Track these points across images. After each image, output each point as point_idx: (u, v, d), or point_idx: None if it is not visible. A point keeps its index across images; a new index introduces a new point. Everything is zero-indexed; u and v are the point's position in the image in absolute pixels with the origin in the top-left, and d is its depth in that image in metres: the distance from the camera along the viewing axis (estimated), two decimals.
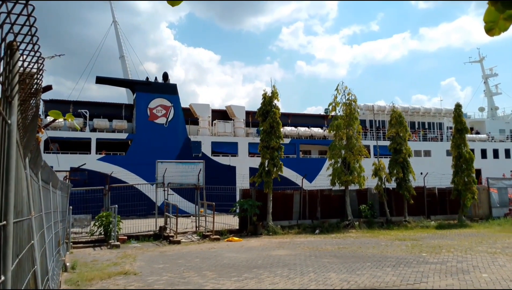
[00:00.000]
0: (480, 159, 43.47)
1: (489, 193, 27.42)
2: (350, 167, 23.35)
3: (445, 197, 26.80)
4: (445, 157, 37.60)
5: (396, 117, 26.23)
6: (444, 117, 46.63)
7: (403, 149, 25.46)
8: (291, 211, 23.37)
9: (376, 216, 24.37)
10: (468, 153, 25.47)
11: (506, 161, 46.17)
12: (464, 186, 24.72)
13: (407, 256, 13.12)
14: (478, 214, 26.67)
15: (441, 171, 29.59)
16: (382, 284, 9.17)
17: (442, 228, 22.45)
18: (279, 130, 22.41)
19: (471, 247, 14.82)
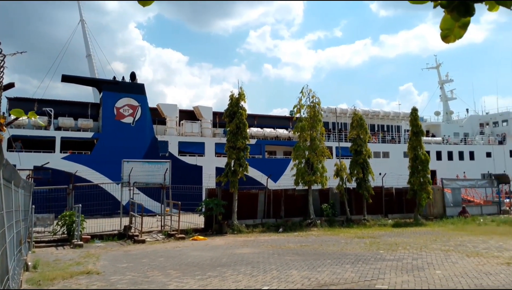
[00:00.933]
0: (435, 161, 45.03)
1: (443, 193, 28.43)
2: (313, 168, 23.63)
3: (402, 197, 27.59)
4: (403, 158, 38.70)
5: (357, 119, 26.78)
6: (402, 121, 48.00)
7: (363, 151, 26.03)
8: (256, 210, 23.41)
9: (337, 214, 24.77)
10: (424, 155, 26.32)
11: (459, 163, 48.07)
12: (419, 186, 25.54)
13: (366, 253, 13.40)
14: (432, 213, 27.60)
15: (398, 172, 30.40)
16: (341, 280, 9.31)
17: (399, 226, 23.10)
18: (246, 131, 22.41)
19: (426, 244, 15.30)
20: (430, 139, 48.00)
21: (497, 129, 55.10)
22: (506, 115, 55.00)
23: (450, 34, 2.93)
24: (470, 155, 49.33)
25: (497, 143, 52.39)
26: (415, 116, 27.35)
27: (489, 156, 50.23)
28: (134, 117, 34.50)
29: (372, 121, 46.31)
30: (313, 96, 24.80)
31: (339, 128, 43.96)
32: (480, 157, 49.58)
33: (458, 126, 55.40)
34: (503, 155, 51.06)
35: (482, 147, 50.63)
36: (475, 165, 47.76)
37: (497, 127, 55.39)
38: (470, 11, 2.61)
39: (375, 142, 44.13)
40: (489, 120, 56.45)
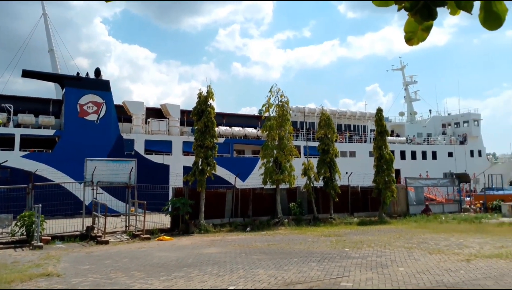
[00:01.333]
0: (400, 160, 46.28)
1: (407, 191, 29.29)
2: (282, 167, 23.76)
3: (367, 195, 28.23)
4: (368, 157, 39.56)
5: (325, 119, 27.15)
6: (368, 121, 49.07)
7: (331, 150, 26.43)
8: (224, 209, 23.33)
9: (304, 213, 25.04)
10: (389, 154, 27.02)
11: (423, 162, 49.64)
12: (384, 185, 26.19)
13: (332, 251, 13.61)
14: (396, 211, 28.37)
15: (364, 171, 31.08)
16: (307, 278, 9.41)
17: (364, 224, 23.60)
18: (214, 129, 22.29)
19: (390, 242, 15.70)
20: (394, 139, 49.32)
21: (459, 130, 57.29)
22: (467, 116, 57.30)
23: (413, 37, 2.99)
24: (433, 155, 51.06)
25: (458, 143, 54.47)
26: (380, 116, 28.02)
27: (450, 156, 52.16)
28: (98, 114, 33.61)
29: (339, 121, 47.09)
30: (282, 96, 24.96)
31: (307, 127, 44.44)
32: (442, 157, 51.41)
33: (421, 127, 57.26)
34: (464, 155, 53.14)
35: (444, 147, 52.51)
36: (438, 165, 49.48)
37: (459, 127, 57.60)
38: (433, 14, 2.67)
39: (342, 142, 44.91)
40: (451, 121, 58.62)
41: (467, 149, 54.15)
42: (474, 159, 54.28)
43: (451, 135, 56.37)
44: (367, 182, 28.53)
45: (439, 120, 58.79)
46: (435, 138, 54.45)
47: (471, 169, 47.97)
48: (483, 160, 55.17)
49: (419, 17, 2.69)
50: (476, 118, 57.30)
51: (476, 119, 57.21)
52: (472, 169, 47.49)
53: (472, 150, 55.01)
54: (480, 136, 56.75)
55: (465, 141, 54.99)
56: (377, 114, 28.16)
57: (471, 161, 53.20)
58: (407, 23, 2.83)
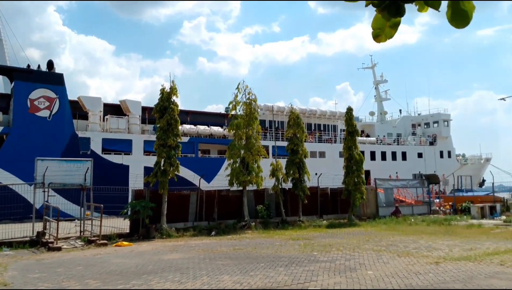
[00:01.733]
0: (370, 161, 47.38)
1: (376, 193, 29.99)
2: (249, 167, 23.80)
3: (337, 197, 28.70)
4: (338, 158, 40.26)
5: (294, 118, 27.39)
6: (338, 120, 49.94)
7: (300, 150, 26.69)
8: (187, 212, 23.17)
9: (272, 216, 25.16)
10: (358, 155, 27.57)
11: (392, 163, 51.03)
12: (354, 186, 26.71)
13: (300, 255, 13.74)
14: (366, 213, 29.00)
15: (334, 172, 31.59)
16: (274, 284, 9.45)
17: (333, 227, 24.00)
18: (177, 127, 22.10)
19: (359, 245, 16.02)
20: (364, 139, 50.43)
21: (428, 130, 59.27)
22: (436, 116, 59.37)
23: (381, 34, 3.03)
24: (403, 156, 52.59)
25: (428, 144, 56.34)
26: (350, 115, 28.55)
27: (420, 157, 53.86)
28: (51, 110, 32.55)
29: (309, 120, 47.67)
30: (250, 93, 25.00)
31: (276, 126, 44.73)
32: (412, 158, 53.04)
33: (391, 127, 58.83)
34: (434, 156, 55.03)
35: (414, 148, 54.19)
36: (407, 166, 51.02)
37: (428, 128, 59.59)
38: (401, 11, 2.72)
39: (312, 142, 45.49)
40: (421, 121, 60.57)
41: (436, 150, 56.10)
42: (444, 160, 56.30)
43: (421, 135, 58.22)
44: (337, 183, 29.00)
45: (409, 120, 60.57)
46: (405, 138, 56.08)
47: (441, 170, 49.67)
48: (452, 161, 57.31)
49: (387, 14, 2.74)
50: (446, 118, 59.45)
51: (446, 119, 59.37)
52: (441, 170, 49.19)
53: (441, 151, 57.05)
54: (450, 137, 58.93)
55: (434, 142, 56.94)
56: (347, 113, 28.68)
57: (441, 162, 55.14)
58: (374, 19, 2.88)
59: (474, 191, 38.78)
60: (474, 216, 27.60)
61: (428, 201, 33.37)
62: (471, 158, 61.21)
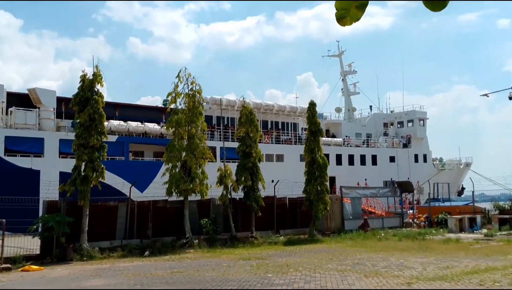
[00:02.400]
0: (335, 166, 48.49)
1: (342, 203, 30.70)
2: (191, 173, 23.69)
3: (297, 209, 29.10)
4: (299, 162, 40.86)
5: (246, 114, 27.51)
6: (299, 117, 50.69)
7: (253, 153, 26.83)
8: (115, 228, 22.87)
9: (219, 232, 25.16)
10: (322, 158, 28.11)
11: (361, 168, 52.45)
12: (316, 195, 27.18)
13: (251, 278, 13.82)
14: (330, 227, 29.61)
15: (294, 179, 32.00)
16: None
17: (292, 244, 24.34)
18: (102, 124, 21.79)
19: (321, 264, 16.34)
20: (329, 140, 51.50)
21: (402, 130, 61.39)
22: (411, 114, 61.48)
23: (346, 15, 3.09)
24: (373, 160, 54.17)
25: (401, 146, 58.38)
26: (313, 112, 29.06)
27: (392, 161, 55.69)
28: None
29: (264, 116, 48.09)
30: (193, 82, 24.88)
31: (225, 123, 44.78)
32: (383, 162, 54.75)
33: (360, 126, 60.42)
34: (408, 160, 57.05)
35: (385, 150, 55.98)
36: (378, 171, 52.55)
37: (402, 127, 61.73)
38: None
39: (268, 142, 45.91)
40: (394, 119, 62.62)
41: (411, 153, 58.21)
42: (419, 164, 58.53)
43: (393, 136, 60.20)
44: (297, 192, 29.39)
45: (380, 119, 62.46)
46: (376, 139, 57.79)
47: (415, 176, 51.56)
48: (428, 166, 59.69)
49: None
50: (422, 116, 61.81)
51: (422, 118, 61.72)
52: (416, 177, 51.05)
53: (416, 155, 59.26)
54: (426, 138, 61.33)
55: (409, 144, 59.08)
56: (310, 109, 29.16)
57: (415, 167, 57.27)
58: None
59: (452, 200, 40.55)
60: (452, 229, 28.88)
61: (400, 212, 34.55)
62: (449, 162, 63.95)
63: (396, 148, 57.02)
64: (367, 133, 59.17)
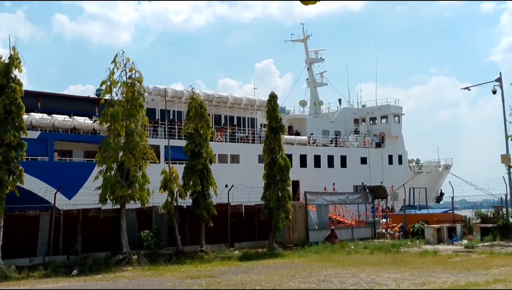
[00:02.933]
0: (299, 168, 48.64)
1: (306, 212, 30.86)
2: (130, 177, 23.41)
3: (254, 218, 29.12)
4: (257, 164, 40.80)
5: (196, 107, 27.27)
6: (258, 111, 50.64)
7: (204, 152, 26.64)
8: (36, 242, 22.53)
9: (163, 245, 24.95)
10: (284, 159, 28.15)
11: (328, 171, 52.86)
12: (277, 202, 27.21)
13: None
14: (293, 239, 29.72)
15: (251, 183, 31.94)
16: None
17: (248, 259, 24.31)
18: (21, 117, 21.40)
19: (281, 282, 16.34)
20: (293, 139, 51.70)
21: (375, 127, 62.28)
22: (385, 109, 62.37)
23: None
24: (342, 161, 54.74)
25: (374, 145, 59.18)
26: (274, 105, 29.07)
27: (364, 163, 56.44)
28: None
29: (217, 110, 47.80)
30: (133, 69, 24.63)
31: (171, 118, 44.28)
32: (353, 164, 55.39)
33: (328, 122, 60.84)
34: (381, 161, 57.89)
35: (356, 151, 56.63)
36: (347, 174, 53.17)
37: (375, 124, 62.64)
38: None
39: (221, 141, 45.69)
40: (366, 115, 63.41)
41: (384, 154, 59.10)
42: (393, 167, 59.52)
43: (365, 134, 60.96)
44: (255, 198, 29.37)
45: (350, 114, 63.08)
46: (346, 138, 58.37)
47: (389, 180, 52.37)
48: (404, 169, 60.82)
49: None
50: (397, 112, 62.83)
51: (397, 114, 62.74)
52: (390, 181, 51.86)
53: (391, 155, 60.24)
54: (401, 137, 62.40)
55: (382, 143, 60.01)
56: (270, 102, 29.15)
57: (390, 169, 58.18)
58: None
59: (430, 207, 41.25)
60: (429, 240, 29.47)
61: (372, 221, 35.04)
62: (427, 164, 65.23)
63: (368, 148, 57.75)
64: (335, 131, 59.65)
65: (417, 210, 37.70)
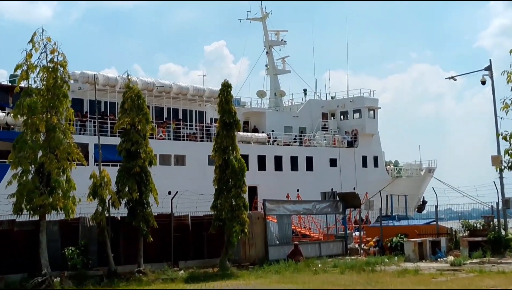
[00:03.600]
0: (257, 171, 48.77)
1: (266, 224, 30.87)
2: (51, 182, 23.11)
3: (203, 231, 29.00)
4: (207, 166, 40.78)
5: (132, 97, 26.99)
6: (207, 103, 50.54)
7: (142, 153, 26.41)
8: None
9: (92, 265, 24.74)
10: (239, 161, 28.14)
11: (292, 175, 53.11)
12: (230, 213, 27.17)
13: None
14: (249, 257, 29.73)
15: (199, 189, 31.89)
16: None
17: (196, 280, 24.20)
18: None
19: None
20: (250, 136, 51.75)
21: (346, 123, 62.86)
22: (358, 102, 62.92)
23: None
24: (308, 163, 55.07)
25: (345, 144, 59.73)
26: (227, 96, 28.98)
27: (334, 165, 56.94)
28: None
29: (158, 101, 47.48)
30: (55, 51, 24.30)
31: (102, 111, 43.80)
32: (321, 166, 55.78)
33: (291, 116, 61.03)
34: (353, 164, 58.48)
35: (324, 151, 57.07)
36: (314, 179, 53.49)
37: (346, 120, 63.23)
38: None
39: (163, 138, 45.38)
40: (336, 108, 63.93)
41: (357, 155, 59.73)
42: (368, 170, 60.28)
43: (335, 131, 61.43)
44: (204, 208, 29.32)
45: (318, 107, 63.44)
46: (312, 135, 58.74)
47: (363, 186, 52.93)
48: (380, 172, 61.68)
49: None
50: (372, 105, 63.54)
51: (372, 107, 63.45)
52: (364, 186, 52.38)
53: (365, 157, 60.94)
54: (377, 135, 63.24)
55: (355, 142, 60.64)
56: (223, 92, 29.03)
57: (363, 173, 58.85)
58: None
59: (411, 218, 41.80)
60: (409, 257, 29.91)
61: (343, 235, 35.34)
62: (407, 167, 66.22)
63: (338, 148, 58.22)
64: (300, 127, 59.89)
65: (395, 221, 38.17)
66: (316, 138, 58.37)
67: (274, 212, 32.21)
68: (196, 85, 51.33)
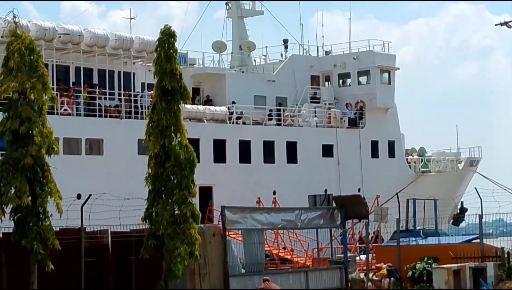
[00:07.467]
0: (213, 164, 48.83)
1: (225, 242, 30.79)
2: None
3: (130, 255, 28.90)
4: (137, 156, 40.74)
5: (21, 51, 26.71)
6: (137, 61, 50.36)
7: (37, 135, 26.16)
8: None
9: None
10: (185, 148, 28.02)
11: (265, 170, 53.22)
12: (171, 227, 27.08)
13: None
14: None
15: (124, 191, 31.92)
16: None
17: None
18: None
19: None
20: (202, 111, 51.59)
21: (348, 92, 62.88)
22: (366, 59, 62.79)
23: None
24: (289, 151, 55.04)
25: (346, 123, 59.72)
26: (168, 50, 28.79)
27: (329, 154, 56.99)
28: None
29: (62, 57, 47.23)
30: None
31: None
32: (309, 157, 55.89)
33: (265, 81, 60.95)
34: (358, 153, 58.64)
35: (315, 133, 57.14)
36: (299, 175, 53.64)
37: (348, 86, 63.23)
38: None
39: (69, 114, 45.13)
40: (331, 69, 63.79)
41: (364, 139, 59.87)
42: (380, 162, 60.52)
43: (329, 103, 61.46)
44: (131, 219, 29.20)
45: (304, 67, 63.38)
46: (296, 109, 58.71)
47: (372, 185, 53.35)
48: (398, 165, 61.98)
49: None
50: (387, 65, 63.53)
51: (387, 68, 63.45)
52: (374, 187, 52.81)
53: (375, 142, 61.05)
54: (394, 110, 63.21)
55: (361, 120, 60.74)
56: (163, 44, 28.85)
57: (373, 166, 59.20)
58: None
59: (444, 234, 42.04)
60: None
61: (342, 259, 35.40)
62: (437, 158, 66.49)
63: (335, 128, 58.31)
64: (278, 97, 59.89)
65: (419, 239, 38.32)
66: (302, 113, 58.29)
67: (239, 225, 32.04)
68: (119, 33, 51.04)
